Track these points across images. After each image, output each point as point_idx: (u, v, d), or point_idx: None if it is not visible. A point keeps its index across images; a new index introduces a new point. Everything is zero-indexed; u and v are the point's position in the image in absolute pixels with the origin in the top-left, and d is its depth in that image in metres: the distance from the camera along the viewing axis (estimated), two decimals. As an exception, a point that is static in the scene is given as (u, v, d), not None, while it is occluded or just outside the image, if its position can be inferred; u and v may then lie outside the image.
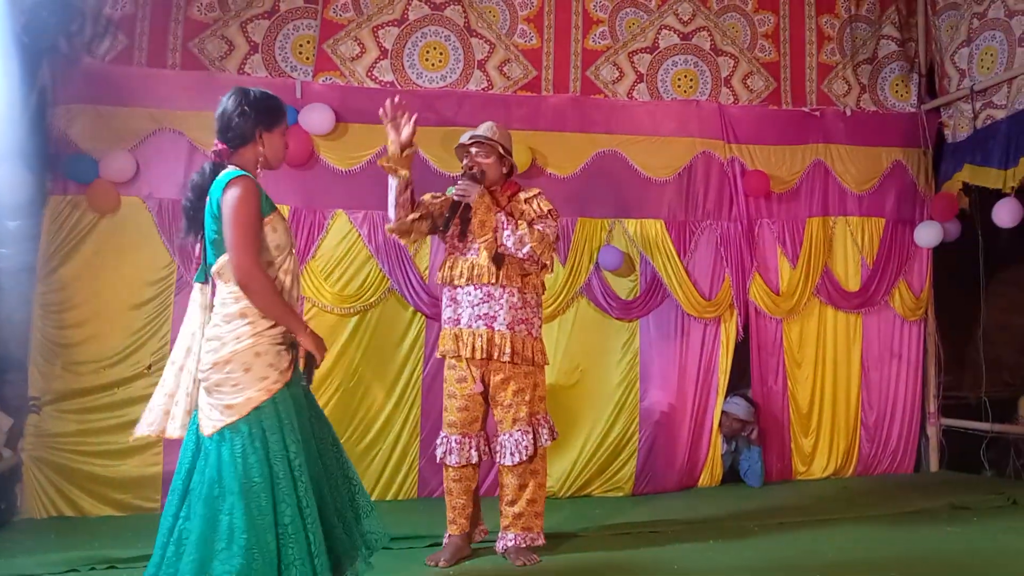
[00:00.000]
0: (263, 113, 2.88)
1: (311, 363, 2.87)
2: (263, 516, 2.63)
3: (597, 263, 5.43)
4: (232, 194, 2.71)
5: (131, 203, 4.93)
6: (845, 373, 5.87)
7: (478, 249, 3.80)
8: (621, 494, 5.33)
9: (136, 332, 4.86)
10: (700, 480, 5.53)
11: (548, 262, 3.83)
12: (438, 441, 3.95)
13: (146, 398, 4.71)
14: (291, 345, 2.83)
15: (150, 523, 4.45)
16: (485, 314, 3.79)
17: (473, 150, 3.91)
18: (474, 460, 3.87)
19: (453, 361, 3.88)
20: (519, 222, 3.76)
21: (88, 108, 4.89)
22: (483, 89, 5.48)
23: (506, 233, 3.72)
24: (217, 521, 2.64)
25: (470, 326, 3.80)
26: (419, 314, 5.21)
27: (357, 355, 5.14)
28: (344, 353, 5.10)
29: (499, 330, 3.78)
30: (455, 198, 3.78)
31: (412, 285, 5.15)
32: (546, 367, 4.02)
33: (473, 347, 3.77)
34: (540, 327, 3.94)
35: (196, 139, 4.97)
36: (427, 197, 3.97)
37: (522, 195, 3.92)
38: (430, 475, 5.15)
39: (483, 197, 3.75)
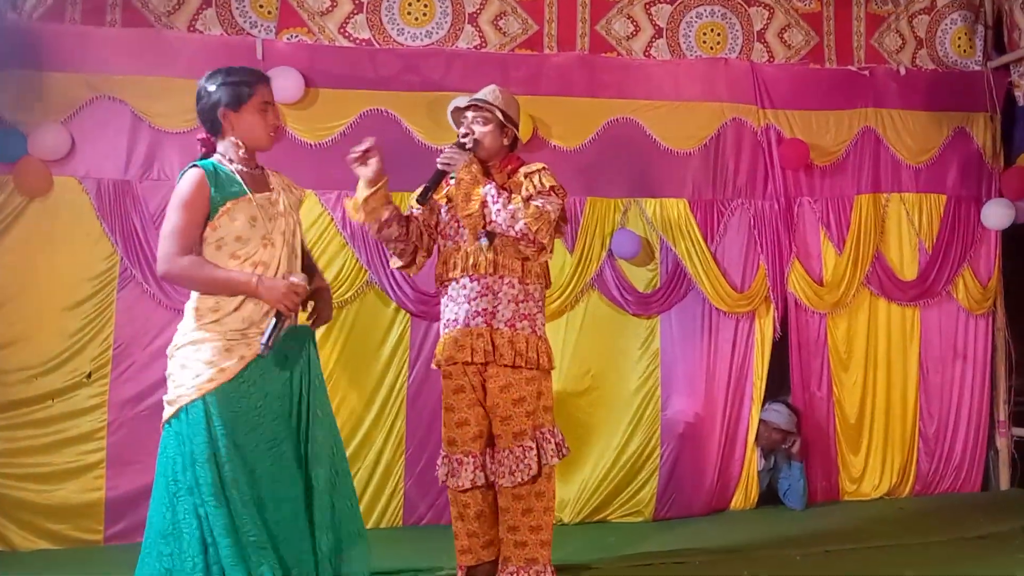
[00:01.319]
0: (223, 93, 3.14)
1: (279, 320, 3.02)
2: (179, 518, 2.91)
3: (610, 250, 5.44)
4: (177, 186, 3.08)
5: (65, 184, 4.92)
6: (900, 376, 5.89)
7: (468, 236, 3.81)
8: (640, 519, 5.35)
9: (73, 335, 4.87)
10: (733, 502, 5.55)
11: (546, 241, 3.80)
12: (439, 462, 3.98)
13: (88, 410, 4.84)
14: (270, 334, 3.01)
15: (91, 558, 4.52)
16: (484, 309, 3.81)
17: (470, 115, 3.92)
18: (480, 482, 3.88)
19: (450, 368, 3.89)
20: (512, 195, 3.76)
21: (13, 74, 4.88)
22: (475, 47, 5.48)
23: (495, 207, 3.71)
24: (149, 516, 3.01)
25: (468, 324, 3.82)
26: (403, 311, 5.22)
27: (331, 359, 5.13)
28: (316, 357, 5.10)
29: (499, 328, 3.80)
30: (438, 167, 3.80)
31: (394, 278, 5.16)
32: (552, 372, 4.02)
33: (473, 349, 3.79)
34: (544, 324, 3.95)
35: (140, 109, 4.98)
36: (415, 200, 4.00)
37: (523, 170, 3.92)
38: (418, 499, 5.17)
39: (470, 166, 3.76)
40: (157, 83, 5.00)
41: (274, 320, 3.00)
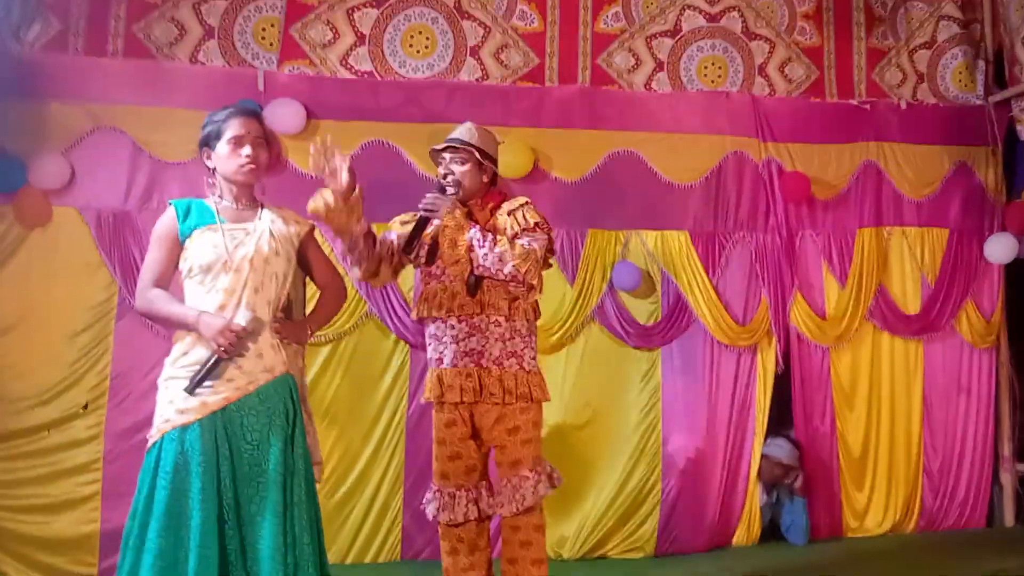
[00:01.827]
0: (204, 133, 3.32)
1: (211, 359, 3.01)
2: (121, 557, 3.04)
3: (611, 282, 5.47)
4: None
5: (65, 214, 4.97)
6: (904, 411, 5.89)
7: (453, 275, 3.82)
8: (641, 555, 5.34)
9: (71, 365, 4.89)
10: (735, 538, 5.55)
11: (535, 281, 3.82)
12: (428, 496, 3.95)
13: (83, 441, 4.84)
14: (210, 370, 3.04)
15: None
16: (472, 349, 3.80)
17: (447, 156, 3.93)
18: (473, 516, 3.87)
19: (440, 402, 3.89)
20: (498, 237, 3.76)
21: (14, 103, 4.93)
22: (477, 79, 5.54)
23: (483, 252, 3.71)
24: None
25: (455, 365, 3.81)
26: (402, 343, 5.25)
27: (329, 392, 5.17)
28: (314, 389, 5.09)
29: (487, 367, 3.80)
30: (421, 214, 3.79)
31: (393, 309, 5.19)
32: (544, 404, 3.99)
33: (461, 388, 3.78)
34: (535, 358, 3.93)
35: (141, 139, 5.03)
36: (396, 225, 4.00)
37: (506, 206, 3.92)
38: (415, 533, 5.16)
39: (453, 211, 3.77)
40: (158, 114, 5.04)
41: (209, 358, 3.01)
